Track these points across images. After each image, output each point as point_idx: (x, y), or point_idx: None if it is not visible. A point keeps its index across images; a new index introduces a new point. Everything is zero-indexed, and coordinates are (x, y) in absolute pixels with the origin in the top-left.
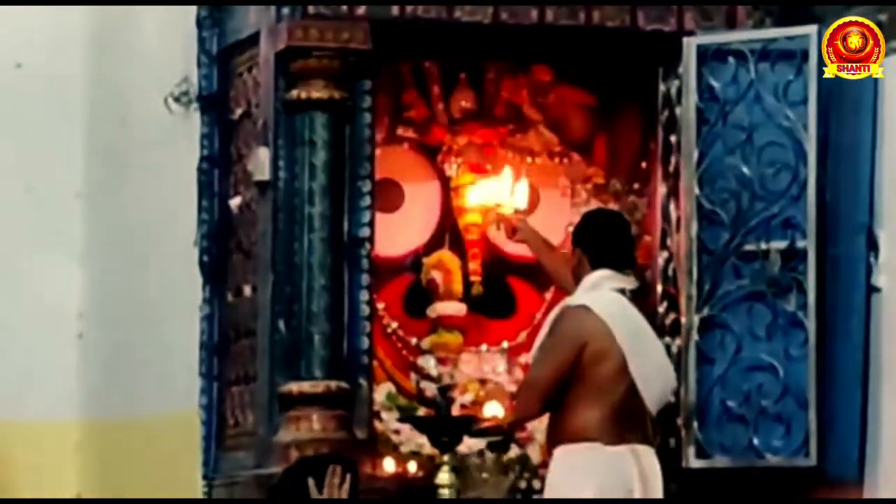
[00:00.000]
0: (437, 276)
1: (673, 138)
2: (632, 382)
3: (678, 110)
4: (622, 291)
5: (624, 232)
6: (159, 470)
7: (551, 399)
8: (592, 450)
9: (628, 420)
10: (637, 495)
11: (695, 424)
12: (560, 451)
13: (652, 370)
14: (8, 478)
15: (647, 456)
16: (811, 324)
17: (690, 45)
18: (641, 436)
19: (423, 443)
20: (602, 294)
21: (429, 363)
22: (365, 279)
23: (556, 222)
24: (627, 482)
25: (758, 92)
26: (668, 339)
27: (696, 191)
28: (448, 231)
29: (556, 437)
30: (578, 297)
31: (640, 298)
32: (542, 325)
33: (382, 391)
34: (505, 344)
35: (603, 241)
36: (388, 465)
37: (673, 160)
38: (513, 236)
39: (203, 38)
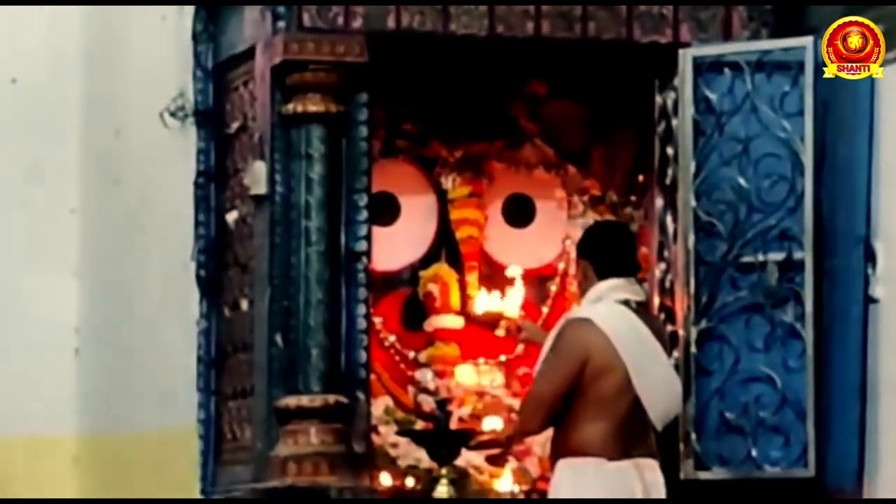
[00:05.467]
0: (434, 289)
1: (669, 150)
2: (636, 397)
3: (674, 122)
4: (627, 303)
5: (627, 240)
6: (157, 484)
7: (554, 414)
8: (595, 465)
9: (632, 434)
10: None
11: (693, 436)
12: (562, 465)
13: (656, 385)
14: (6, 493)
15: (651, 470)
16: (809, 335)
17: (686, 56)
18: (646, 450)
19: (421, 456)
20: (606, 306)
21: (426, 376)
22: (362, 293)
23: (553, 234)
24: (630, 497)
25: (754, 103)
26: None
27: (693, 202)
28: (445, 244)
29: (559, 451)
30: (582, 310)
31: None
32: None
33: (380, 405)
34: (503, 357)
35: (607, 250)
36: (386, 479)
37: (669, 172)
38: (518, 335)
39: (198, 52)
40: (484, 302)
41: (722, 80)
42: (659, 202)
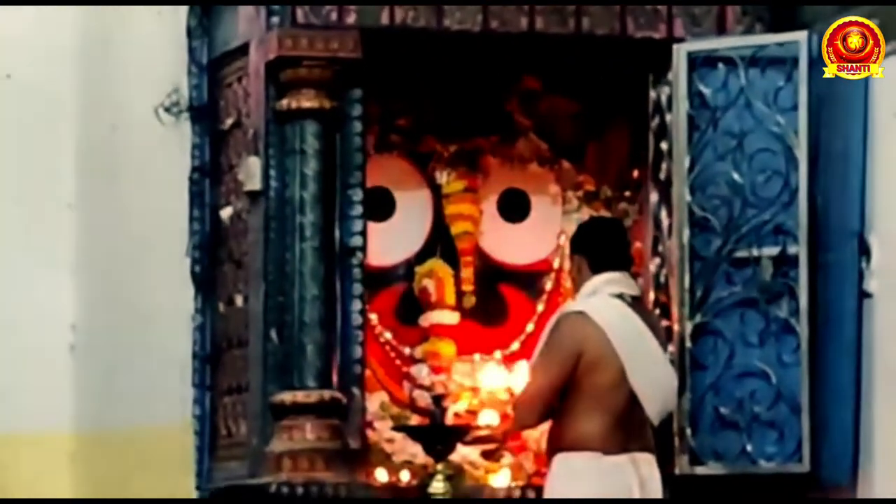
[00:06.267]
0: (429, 284)
1: (664, 145)
2: (632, 391)
3: (669, 117)
4: (621, 296)
5: (621, 234)
6: (153, 480)
7: (551, 407)
8: (591, 459)
9: (628, 428)
10: None
11: (688, 431)
12: (559, 460)
13: (652, 379)
14: (1, 490)
15: (647, 465)
16: (803, 330)
17: (680, 51)
18: (642, 444)
19: (416, 452)
20: (600, 300)
21: (421, 372)
22: (357, 288)
23: (547, 230)
24: (626, 492)
25: (748, 98)
26: None
27: (688, 197)
28: (440, 239)
29: (555, 445)
30: (576, 304)
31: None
32: (534, 334)
33: (375, 400)
34: (497, 353)
35: (601, 244)
36: (381, 474)
37: (664, 167)
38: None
39: (193, 48)
40: (490, 380)
41: (716, 74)
42: (653, 197)
